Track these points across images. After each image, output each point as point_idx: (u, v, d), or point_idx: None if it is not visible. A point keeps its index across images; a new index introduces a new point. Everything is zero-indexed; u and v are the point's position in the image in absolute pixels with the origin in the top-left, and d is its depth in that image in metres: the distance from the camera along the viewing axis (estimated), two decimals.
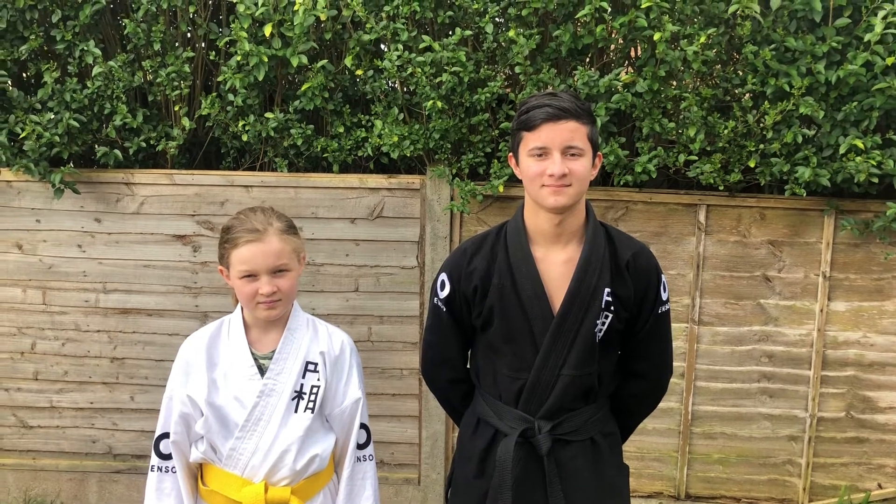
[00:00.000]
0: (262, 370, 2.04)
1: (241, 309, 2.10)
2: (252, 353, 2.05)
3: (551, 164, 1.89)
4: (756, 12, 3.24)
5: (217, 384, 2.02)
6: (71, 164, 3.66)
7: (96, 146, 3.71)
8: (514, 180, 3.66)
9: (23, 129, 3.56)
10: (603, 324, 1.99)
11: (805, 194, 3.45)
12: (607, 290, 1.98)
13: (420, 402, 3.88)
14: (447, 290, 2.11)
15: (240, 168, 3.90)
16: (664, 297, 2.07)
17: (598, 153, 2.02)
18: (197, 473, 2.11)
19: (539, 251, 2.02)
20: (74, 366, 3.96)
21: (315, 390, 2.05)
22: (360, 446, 2.16)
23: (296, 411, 2.03)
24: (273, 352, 2.05)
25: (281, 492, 2.01)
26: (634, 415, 2.25)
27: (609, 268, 2.00)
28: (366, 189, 3.75)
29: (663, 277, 2.09)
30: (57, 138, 3.56)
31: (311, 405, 2.04)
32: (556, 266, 2.00)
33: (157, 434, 2.05)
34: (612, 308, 1.99)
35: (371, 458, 2.18)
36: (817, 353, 3.73)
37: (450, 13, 3.46)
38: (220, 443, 2.02)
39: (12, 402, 4.01)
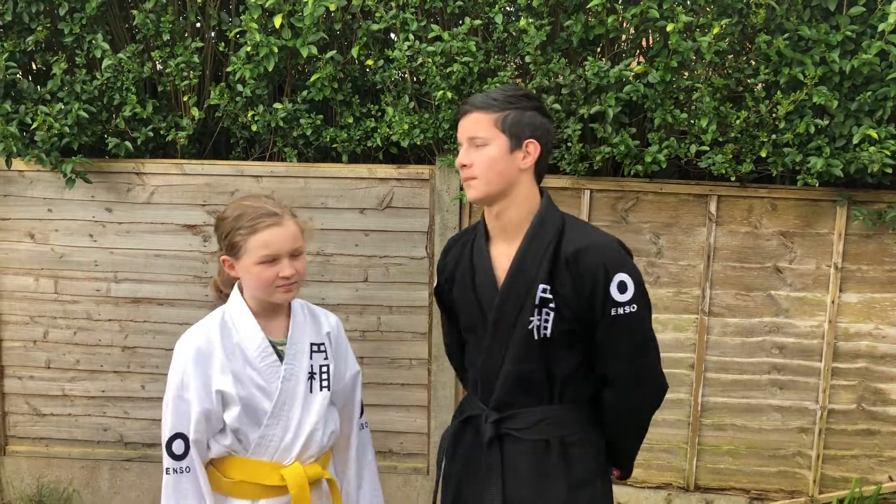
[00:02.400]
0: (280, 356, 2.08)
1: (243, 298, 2.10)
2: (269, 340, 2.08)
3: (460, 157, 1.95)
4: (772, 1, 3.21)
5: (240, 376, 2.03)
6: (81, 155, 3.67)
7: (107, 136, 3.72)
8: None
9: (33, 120, 3.58)
10: (544, 321, 1.93)
11: (818, 185, 3.43)
12: (542, 286, 1.91)
13: (429, 391, 3.88)
14: (436, 281, 2.21)
15: (249, 158, 3.90)
16: (620, 298, 1.88)
17: (529, 139, 1.91)
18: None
19: (495, 246, 2.03)
20: (86, 354, 3.99)
21: (325, 369, 2.13)
22: (360, 415, 2.31)
23: (311, 391, 2.10)
24: (285, 337, 2.10)
25: (314, 468, 2.11)
26: (613, 427, 2.07)
27: (549, 262, 1.92)
28: (375, 179, 3.75)
29: (622, 277, 1.89)
30: (67, 129, 3.57)
31: (325, 383, 2.13)
32: (504, 260, 1.99)
33: (168, 436, 2.03)
34: (552, 305, 1.91)
35: (367, 425, 2.34)
36: (828, 345, 3.71)
37: (459, 3, 3.44)
38: (249, 432, 2.04)
39: (25, 390, 4.04)
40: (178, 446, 2.01)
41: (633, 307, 1.90)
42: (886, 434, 3.77)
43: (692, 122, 3.44)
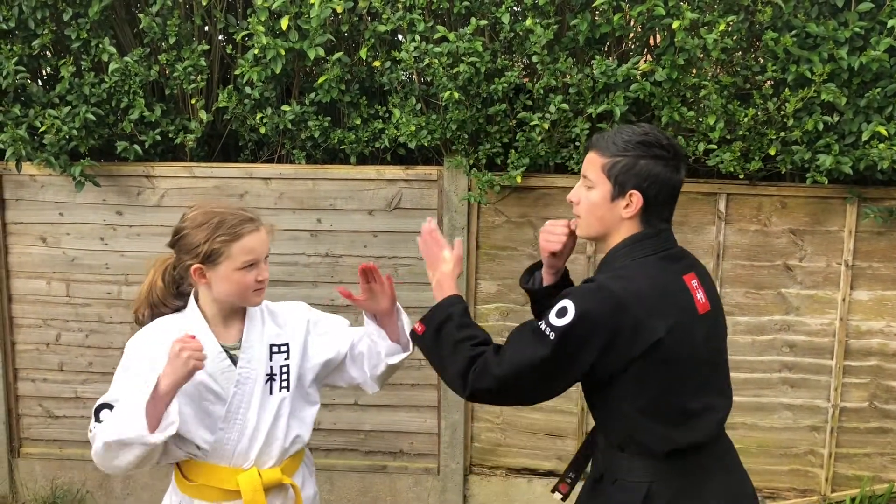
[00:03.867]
0: (233, 360, 2.10)
1: (197, 305, 2.11)
2: (221, 346, 2.10)
3: None
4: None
5: (193, 380, 2.00)
6: (88, 158, 3.69)
7: (116, 140, 3.75)
8: (531, 171, 3.65)
9: (42, 124, 3.60)
10: None
11: (827, 182, 3.41)
12: None
13: (439, 392, 3.89)
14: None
15: (258, 160, 3.92)
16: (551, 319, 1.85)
17: (633, 190, 1.84)
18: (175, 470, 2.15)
19: None
20: (98, 357, 4.01)
21: (285, 370, 2.14)
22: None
23: (271, 393, 2.11)
24: (239, 342, 2.11)
25: (273, 473, 2.11)
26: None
27: None
28: (383, 180, 3.76)
29: (564, 303, 1.82)
30: (75, 132, 3.59)
31: (285, 384, 2.14)
32: None
33: (100, 402, 2.02)
34: None
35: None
36: (840, 343, 3.69)
37: (466, 3, 3.44)
38: (203, 437, 2.06)
39: (38, 392, 4.08)
40: (105, 414, 1.98)
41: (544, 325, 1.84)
42: None
43: (700, 120, 3.43)
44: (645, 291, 1.80)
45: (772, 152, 3.40)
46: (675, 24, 3.23)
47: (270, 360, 2.13)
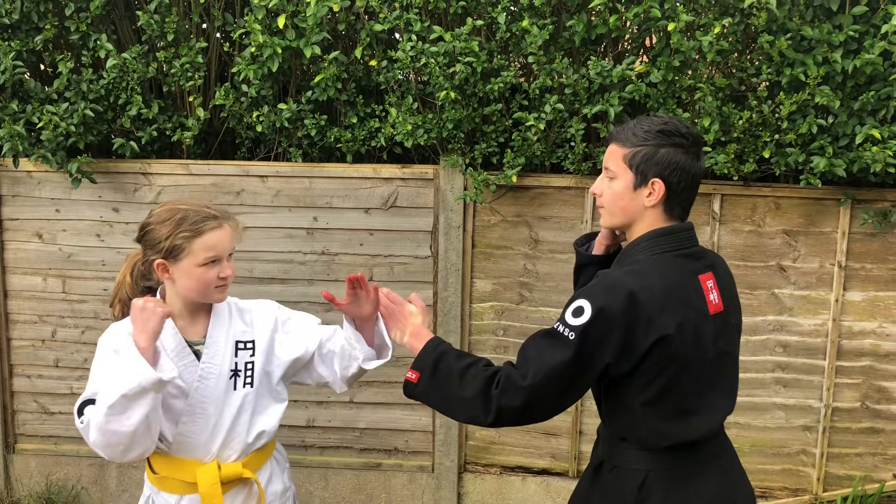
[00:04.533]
0: (197, 356, 2.14)
1: (163, 300, 2.14)
2: (186, 341, 2.13)
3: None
4: (772, 4, 3.21)
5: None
6: (87, 154, 3.70)
7: (113, 136, 3.75)
8: (527, 170, 3.66)
9: (40, 120, 3.61)
10: None
11: (821, 184, 3.43)
12: None
13: None
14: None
15: (255, 158, 3.93)
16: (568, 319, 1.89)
17: (655, 178, 1.88)
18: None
19: None
20: (94, 353, 4.00)
21: (250, 366, 2.18)
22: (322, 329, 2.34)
23: (235, 388, 2.15)
24: (204, 337, 2.15)
25: (233, 467, 2.14)
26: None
27: None
28: (380, 179, 3.77)
29: (580, 302, 1.86)
30: (73, 128, 3.60)
31: (248, 380, 2.17)
32: None
33: (81, 400, 2.06)
34: None
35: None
36: (832, 344, 3.72)
37: (462, 3, 3.46)
38: (166, 430, 2.09)
39: (34, 388, 4.08)
40: (89, 409, 2.01)
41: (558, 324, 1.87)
42: (890, 432, 3.78)
43: (695, 121, 3.45)
44: (658, 288, 1.83)
45: (766, 155, 3.42)
46: (671, 27, 3.24)
47: (236, 356, 2.16)
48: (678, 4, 3.28)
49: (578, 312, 1.81)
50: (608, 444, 2.02)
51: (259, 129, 3.68)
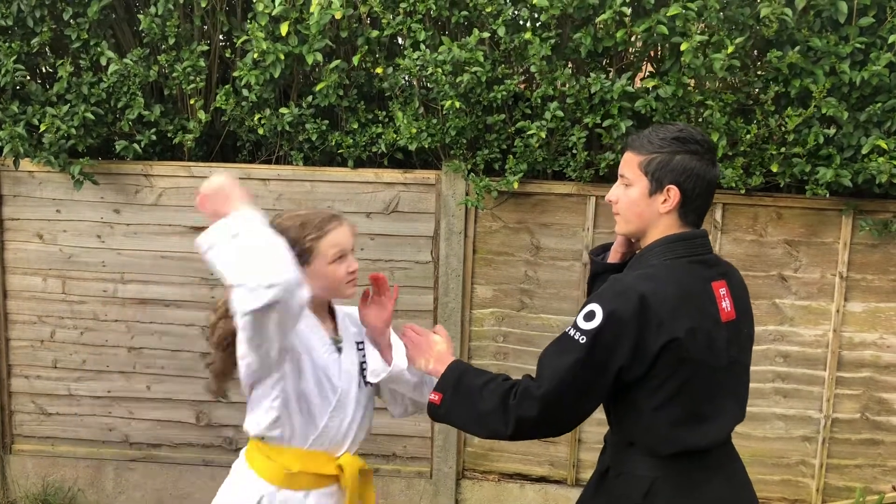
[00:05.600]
0: (339, 352, 2.19)
1: None
2: (329, 337, 2.19)
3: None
4: (787, 15, 3.19)
5: (315, 365, 2.10)
6: (88, 157, 3.69)
7: (115, 139, 3.74)
8: (529, 177, 3.65)
9: (41, 122, 3.60)
10: None
11: (828, 194, 3.42)
12: None
13: None
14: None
15: (256, 161, 3.92)
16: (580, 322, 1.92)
17: (671, 185, 1.89)
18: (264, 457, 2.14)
19: None
20: (92, 355, 4.01)
21: (365, 366, 2.23)
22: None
23: (359, 387, 2.20)
24: (338, 334, 2.21)
25: (356, 459, 2.22)
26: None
27: None
28: (381, 184, 3.76)
29: (591, 307, 1.89)
30: (73, 131, 3.59)
31: (366, 380, 2.23)
32: None
33: None
34: None
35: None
36: (833, 354, 3.71)
37: (465, 13, 3.44)
38: (315, 421, 2.11)
39: (32, 389, 4.07)
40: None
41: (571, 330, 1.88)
42: (890, 444, 3.77)
43: None
44: (670, 293, 1.84)
45: (774, 169, 3.41)
46: (684, 46, 3.22)
47: (356, 355, 2.23)
48: (689, 23, 3.23)
49: (590, 317, 1.82)
50: (615, 450, 2.03)
51: (261, 132, 3.67)
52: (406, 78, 3.63)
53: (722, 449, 2.01)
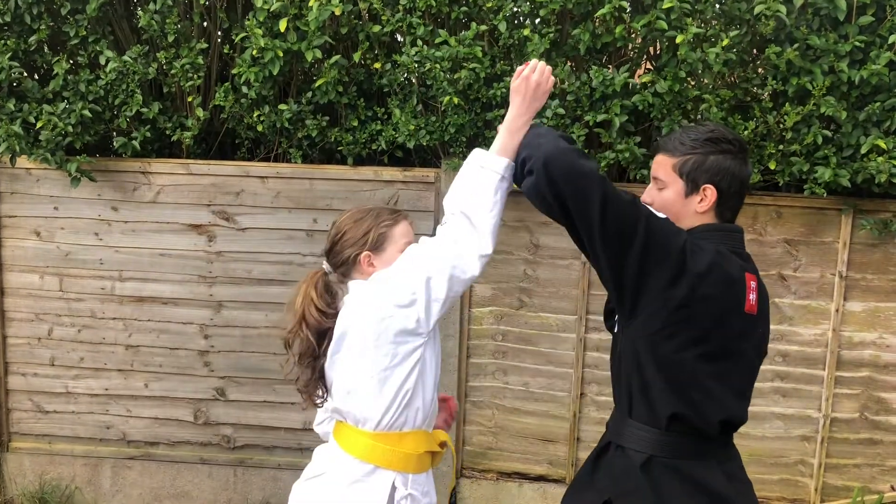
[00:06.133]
0: None
1: None
2: None
3: None
4: (782, 12, 3.19)
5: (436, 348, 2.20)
6: (85, 154, 3.67)
7: (113, 136, 3.73)
8: None
9: (37, 119, 3.58)
10: None
11: (825, 194, 3.42)
12: None
13: None
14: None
15: (255, 158, 3.91)
16: None
17: (707, 185, 1.94)
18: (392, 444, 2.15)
19: None
20: (90, 352, 4.00)
21: None
22: None
23: None
24: None
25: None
26: None
27: None
28: (381, 182, 3.75)
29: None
30: (70, 128, 3.57)
31: None
32: None
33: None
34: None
35: None
36: (832, 354, 3.70)
37: (464, 8, 3.44)
38: (430, 394, 2.16)
39: (29, 386, 4.06)
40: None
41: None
42: (889, 443, 3.77)
43: None
44: (709, 256, 1.88)
45: (772, 166, 3.41)
46: (679, 39, 3.22)
47: None
48: (686, 17, 3.24)
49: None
50: (618, 424, 2.05)
51: (260, 129, 3.66)
52: (405, 75, 3.61)
53: (723, 445, 2.04)
